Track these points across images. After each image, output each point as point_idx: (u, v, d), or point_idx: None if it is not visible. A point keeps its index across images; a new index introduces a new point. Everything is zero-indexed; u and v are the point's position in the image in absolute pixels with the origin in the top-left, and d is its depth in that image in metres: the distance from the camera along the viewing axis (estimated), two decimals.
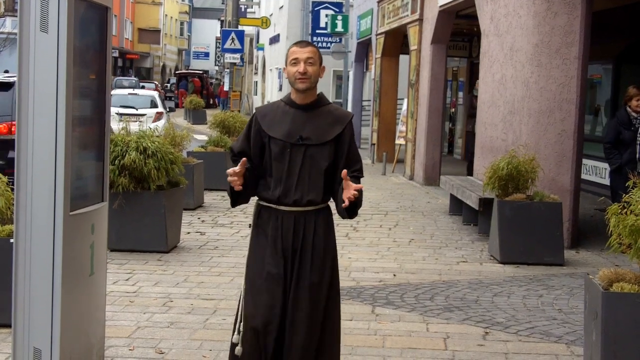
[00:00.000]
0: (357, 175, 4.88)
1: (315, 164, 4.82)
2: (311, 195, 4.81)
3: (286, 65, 4.87)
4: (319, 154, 4.82)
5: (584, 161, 14.13)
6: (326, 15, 31.34)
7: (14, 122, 9.01)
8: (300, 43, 4.93)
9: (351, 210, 4.82)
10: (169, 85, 70.62)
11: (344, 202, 4.65)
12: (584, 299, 6.11)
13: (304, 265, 4.81)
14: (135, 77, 61.36)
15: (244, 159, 4.69)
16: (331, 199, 4.95)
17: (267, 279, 4.80)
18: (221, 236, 11.17)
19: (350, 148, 4.91)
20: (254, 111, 5.05)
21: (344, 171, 4.62)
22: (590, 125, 17.33)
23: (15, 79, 7.98)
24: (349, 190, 4.62)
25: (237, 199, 4.91)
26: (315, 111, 4.90)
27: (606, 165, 15.99)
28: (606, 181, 15.80)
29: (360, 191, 4.68)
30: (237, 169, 4.64)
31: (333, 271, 4.94)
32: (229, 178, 4.67)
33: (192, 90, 54.09)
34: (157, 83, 60.77)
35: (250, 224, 4.99)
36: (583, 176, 13.37)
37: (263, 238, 4.85)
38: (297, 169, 4.79)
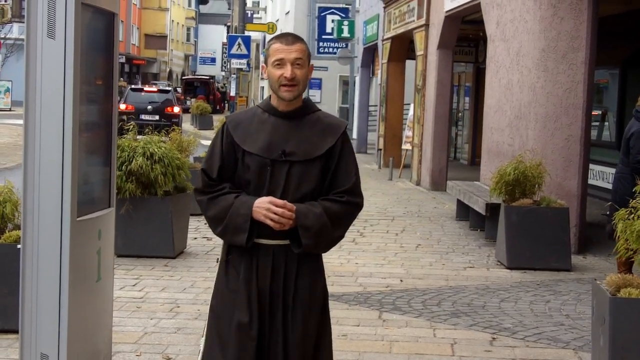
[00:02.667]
0: (333, 197, 3.93)
1: (301, 185, 3.88)
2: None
3: (266, 64, 3.94)
4: (305, 173, 3.89)
5: (591, 166, 14.09)
6: (332, 21, 31.37)
7: None
8: (286, 38, 3.93)
9: (300, 238, 3.86)
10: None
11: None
12: (592, 304, 6.10)
13: (286, 315, 3.90)
14: (144, 83, 62.11)
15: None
16: None
17: (238, 331, 3.88)
18: None
19: (340, 162, 3.94)
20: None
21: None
22: (597, 131, 17.30)
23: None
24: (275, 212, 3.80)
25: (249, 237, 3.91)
26: (301, 120, 3.96)
27: (612, 170, 15.97)
28: None
29: (307, 213, 3.82)
30: (279, 200, 3.81)
31: (322, 324, 4.01)
32: (274, 208, 3.80)
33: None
34: (169, 83, 62.46)
35: (217, 259, 4.07)
36: (590, 181, 13.35)
37: (234, 278, 3.94)
38: (278, 192, 3.86)
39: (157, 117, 30.60)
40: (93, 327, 5.16)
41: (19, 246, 4.80)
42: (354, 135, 30.03)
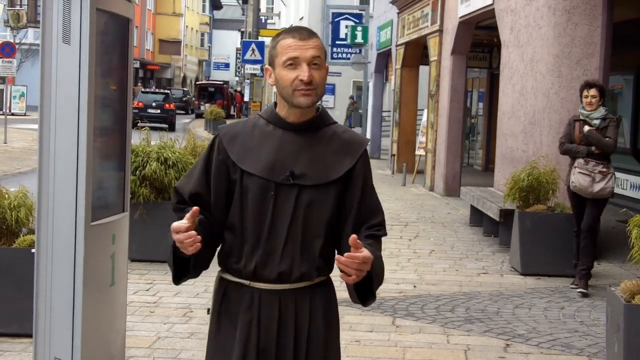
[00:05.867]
0: (376, 234, 3.21)
1: (313, 215, 3.13)
2: (306, 265, 3.14)
3: (273, 65, 3.16)
4: (319, 201, 3.14)
5: None
6: (346, 26, 31.36)
7: None
8: (299, 32, 3.14)
9: (364, 291, 3.14)
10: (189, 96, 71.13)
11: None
12: (606, 311, 6.08)
13: None
14: (156, 87, 62.76)
15: (194, 208, 3.00)
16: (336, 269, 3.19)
17: None
18: None
19: (365, 191, 3.24)
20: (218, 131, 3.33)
21: (353, 237, 2.88)
22: None
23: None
24: (351, 263, 2.89)
25: (184, 271, 3.23)
26: (314, 134, 3.20)
27: (627, 176, 15.91)
28: (627, 192, 15.73)
29: (376, 260, 3.04)
30: (184, 222, 2.96)
31: None
32: (175, 236, 2.98)
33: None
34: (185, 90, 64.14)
35: (208, 309, 3.34)
36: None
37: (229, 331, 3.19)
38: (284, 224, 3.11)
39: (158, 111, 42.59)
40: (107, 331, 5.17)
41: (33, 250, 4.82)
42: None
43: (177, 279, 3.25)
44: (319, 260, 3.16)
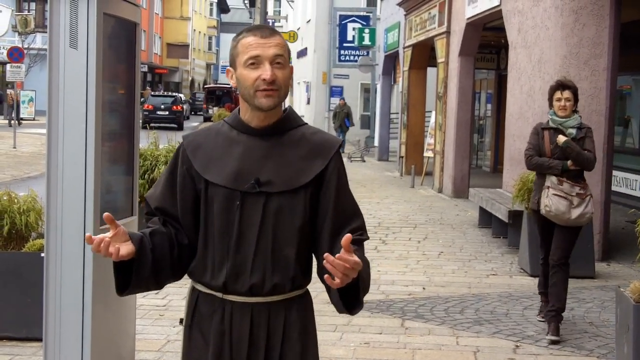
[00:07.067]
0: (359, 238, 3.00)
1: (282, 223, 2.96)
2: (277, 276, 2.97)
3: (234, 65, 3.00)
4: (288, 208, 2.97)
5: (614, 173, 14.01)
6: (353, 29, 31.43)
7: None
8: (261, 30, 2.98)
9: (350, 297, 2.92)
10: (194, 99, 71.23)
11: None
12: (615, 312, 6.06)
13: None
14: (165, 91, 63.29)
15: (106, 215, 2.84)
16: (314, 279, 3.09)
17: None
18: None
19: (340, 192, 3.03)
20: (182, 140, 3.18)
21: (347, 236, 2.69)
22: (620, 137, 17.21)
23: None
24: (340, 266, 2.69)
25: (126, 282, 3.02)
26: (280, 138, 3.03)
27: (637, 177, 15.88)
28: (637, 193, 15.69)
29: (364, 267, 2.85)
30: (103, 235, 2.83)
31: None
32: (92, 236, 2.85)
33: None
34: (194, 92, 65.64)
35: (181, 319, 3.25)
36: (613, 188, 13.27)
37: (201, 345, 3.05)
38: (253, 235, 2.96)
39: (167, 113, 46.48)
40: (116, 335, 5.18)
41: (42, 255, 4.84)
42: (376, 142, 30.03)
43: (120, 289, 3.03)
44: (293, 271, 2.98)
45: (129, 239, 2.87)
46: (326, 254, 2.70)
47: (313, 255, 3.09)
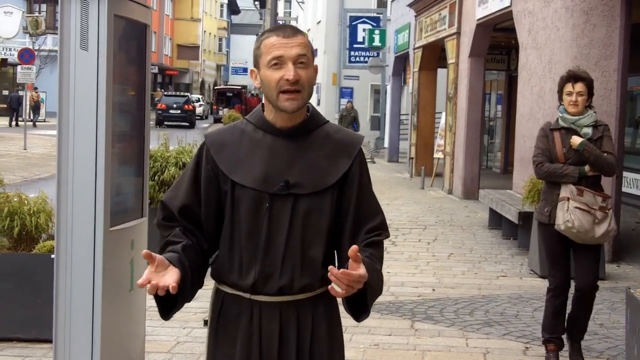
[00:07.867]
0: (375, 239, 3.01)
1: (311, 224, 2.96)
2: (307, 277, 2.97)
3: (258, 66, 2.97)
4: (316, 208, 2.97)
5: (624, 174, 13.99)
6: (364, 30, 31.43)
7: None
8: (284, 30, 2.95)
9: (357, 304, 2.96)
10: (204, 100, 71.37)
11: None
12: (626, 313, 6.05)
13: None
14: (175, 91, 63.96)
15: (145, 252, 2.76)
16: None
17: None
18: None
19: (361, 191, 3.03)
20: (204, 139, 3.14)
21: (354, 248, 2.69)
22: (631, 138, 17.16)
23: None
24: (344, 279, 2.71)
25: (170, 306, 2.97)
26: (306, 138, 3.01)
27: None
28: None
29: (374, 275, 2.89)
30: (148, 275, 2.74)
31: None
32: (141, 281, 2.72)
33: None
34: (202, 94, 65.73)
35: (205, 320, 3.18)
36: (623, 189, 13.23)
37: (227, 347, 3.03)
38: (282, 237, 2.94)
39: (179, 111, 49.47)
40: (126, 336, 5.19)
41: (52, 256, 4.85)
42: (386, 143, 30.01)
43: (165, 314, 2.98)
44: (321, 270, 2.96)
45: (169, 264, 2.82)
46: (330, 267, 2.71)
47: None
